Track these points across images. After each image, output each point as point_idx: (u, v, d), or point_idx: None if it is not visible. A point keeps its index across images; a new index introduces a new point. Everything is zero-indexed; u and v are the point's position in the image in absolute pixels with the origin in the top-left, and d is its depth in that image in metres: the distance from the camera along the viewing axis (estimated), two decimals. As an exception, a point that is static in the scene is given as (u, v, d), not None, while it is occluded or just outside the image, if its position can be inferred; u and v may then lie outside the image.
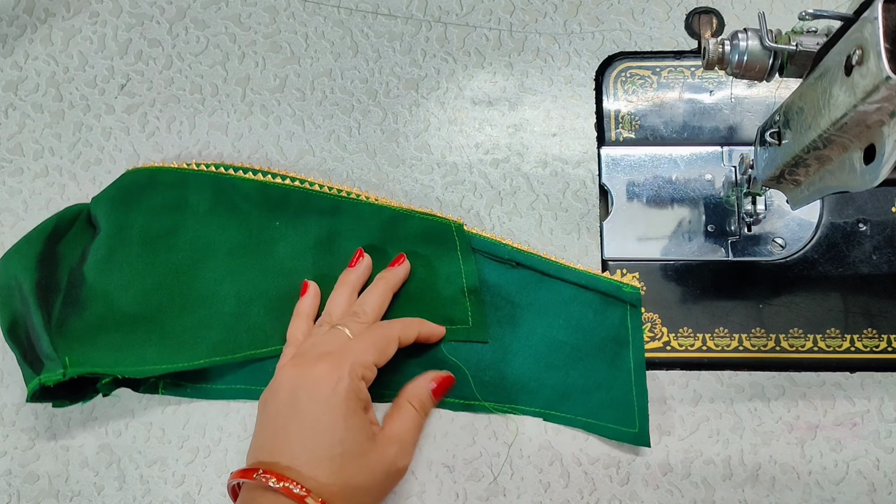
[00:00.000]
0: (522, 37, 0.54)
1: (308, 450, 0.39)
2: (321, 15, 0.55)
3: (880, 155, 0.31)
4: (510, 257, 0.49)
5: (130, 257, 0.48)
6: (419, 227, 0.50)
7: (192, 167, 0.51)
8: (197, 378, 0.48)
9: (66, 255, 0.48)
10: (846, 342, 0.47)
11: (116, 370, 0.44)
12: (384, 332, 0.44)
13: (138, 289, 0.48)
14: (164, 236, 0.49)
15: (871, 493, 0.45)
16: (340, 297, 0.47)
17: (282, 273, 0.49)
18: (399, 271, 0.48)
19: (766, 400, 0.47)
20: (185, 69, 0.54)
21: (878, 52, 0.28)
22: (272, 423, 0.41)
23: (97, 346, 0.45)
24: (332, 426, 0.40)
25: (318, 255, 0.49)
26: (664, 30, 0.53)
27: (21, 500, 0.47)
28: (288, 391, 0.41)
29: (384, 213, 0.50)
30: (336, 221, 0.50)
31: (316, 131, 0.53)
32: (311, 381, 0.41)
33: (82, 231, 0.50)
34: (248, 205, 0.50)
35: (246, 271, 0.49)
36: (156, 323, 0.47)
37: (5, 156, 0.53)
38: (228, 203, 0.50)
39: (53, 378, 0.42)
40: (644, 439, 0.45)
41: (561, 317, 0.48)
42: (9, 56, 0.55)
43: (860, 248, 0.49)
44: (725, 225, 0.50)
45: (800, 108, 0.37)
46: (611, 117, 0.52)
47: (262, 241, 0.49)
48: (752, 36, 0.37)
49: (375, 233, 0.50)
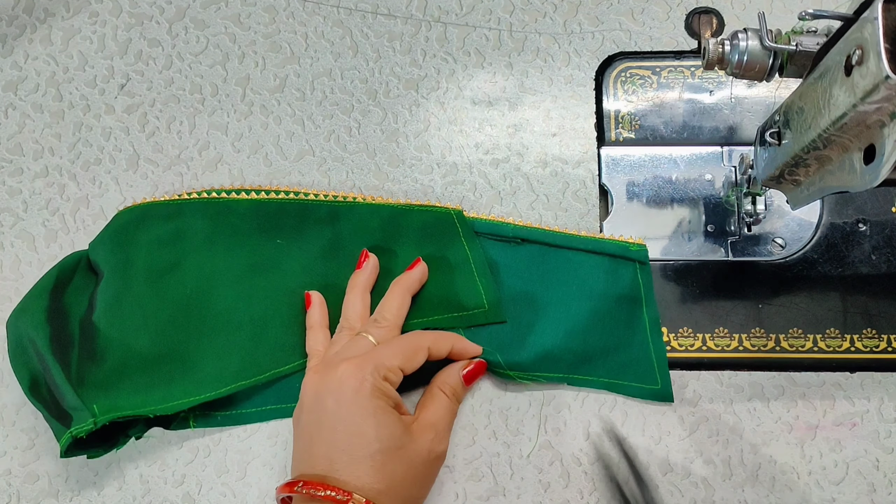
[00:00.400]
0: (522, 37, 0.54)
1: (345, 452, 0.39)
2: (321, 15, 0.55)
3: (880, 155, 0.31)
4: (514, 234, 0.49)
5: (138, 298, 0.47)
6: (420, 221, 0.50)
7: (184, 197, 0.50)
8: (226, 406, 0.47)
9: (74, 306, 0.48)
10: (846, 342, 0.47)
11: (146, 410, 0.44)
12: (413, 340, 0.44)
13: (152, 328, 0.47)
14: (169, 270, 0.48)
15: (870, 493, 0.45)
16: (355, 301, 0.47)
17: (292, 289, 0.48)
18: (415, 274, 0.48)
19: (765, 400, 0.47)
20: (185, 69, 0.54)
21: (878, 52, 0.28)
22: (305, 434, 0.41)
23: (122, 391, 0.45)
24: (364, 425, 0.40)
25: (325, 264, 0.49)
26: (664, 30, 0.53)
27: (21, 500, 0.47)
28: (313, 398, 0.41)
29: (383, 211, 0.50)
30: (336, 228, 0.50)
31: (316, 131, 0.53)
32: (334, 384, 0.41)
33: (85, 279, 0.49)
34: (246, 225, 0.49)
35: (256, 293, 0.48)
36: (176, 359, 0.46)
37: (5, 156, 0.53)
38: (227, 227, 0.49)
39: (85, 428, 0.42)
40: (667, 395, 0.46)
41: (573, 284, 0.48)
42: (9, 56, 0.55)
43: (860, 249, 0.49)
44: (725, 225, 0.50)
45: (800, 108, 0.37)
46: (611, 117, 0.52)
47: (267, 261, 0.49)
48: (752, 36, 0.37)
49: (377, 232, 0.50)
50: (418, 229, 0.49)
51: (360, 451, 0.39)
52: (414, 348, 0.43)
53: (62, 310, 0.47)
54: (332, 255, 0.49)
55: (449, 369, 0.46)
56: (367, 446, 0.39)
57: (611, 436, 0.46)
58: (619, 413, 0.47)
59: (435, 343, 0.45)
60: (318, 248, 0.49)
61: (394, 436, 0.40)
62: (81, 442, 0.43)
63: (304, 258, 0.49)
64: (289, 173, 0.52)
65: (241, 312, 0.48)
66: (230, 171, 0.52)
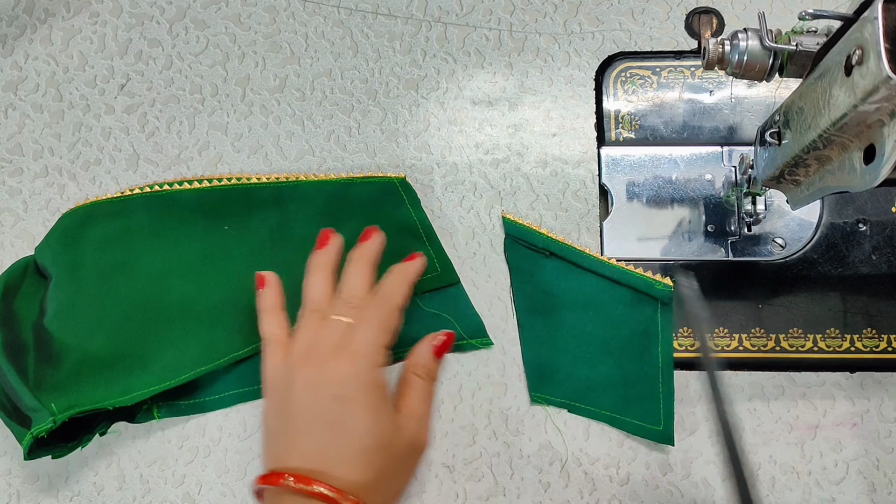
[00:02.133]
0: (522, 37, 0.54)
1: (338, 448, 0.39)
2: (321, 15, 0.55)
3: (880, 155, 0.31)
4: (545, 246, 0.49)
5: (90, 298, 0.47)
6: (365, 192, 0.50)
7: (127, 193, 0.50)
8: (189, 394, 0.47)
9: (24, 312, 0.47)
10: (846, 342, 0.47)
11: (105, 403, 0.44)
12: (386, 309, 0.43)
13: (107, 327, 0.47)
14: (119, 268, 0.48)
15: (871, 493, 0.45)
16: (319, 282, 0.45)
17: (244, 273, 0.48)
18: (374, 244, 0.46)
19: (765, 400, 0.47)
20: (185, 69, 0.54)
21: (878, 52, 0.28)
22: (291, 425, 0.40)
23: (81, 389, 0.44)
24: (360, 422, 0.40)
25: (273, 246, 0.49)
26: (664, 30, 0.53)
27: (21, 500, 0.47)
28: (307, 392, 0.40)
29: (327, 187, 0.50)
30: (282, 208, 0.50)
31: (316, 131, 0.53)
32: (330, 380, 0.40)
33: (34, 284, 0.49)
34: (192, 216, 0.49)
35: (209, 281, 0.48)
36: (133, 354, 0.46)
37: (5, 156, 0.53)
38: (173, 219, 0.49)
39: (44, 427, 0.41)
40: (668, 437, 0.46)
41: (592, 309, 0.48)
42: (9, 56, 0.55)
43: (860, 249, 0.49)
44: (725, 225, 0.50)
45: (800, 108, 0.37)
46: (611, 117, 0.52)
47: (216, 248, 0.49)
48: (752, 36, 0.37)
49: (323, 208, 0.50)
50: (364, 201, 0.50)
51: (352, 446, 0.39)
52: (389, 317, 0.43)
53: (13, 316, 0.47)
54: (280, 237, 0.49)
55: (418, 349, 0.45)
56: (360, 441, 0.39)
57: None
58: (619, 413, 0.47)
59: (399, 296, 0.44)
60: (266, 231, 0.49)
61: (385, 432, 0.40)
62: (43, 441, 0.43)
63: (253, 242, 0.49)
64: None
65: (196, 302, 0.48)
66: (230, 171, 0.52)
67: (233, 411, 0.48)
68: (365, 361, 0.41)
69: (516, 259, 0.49)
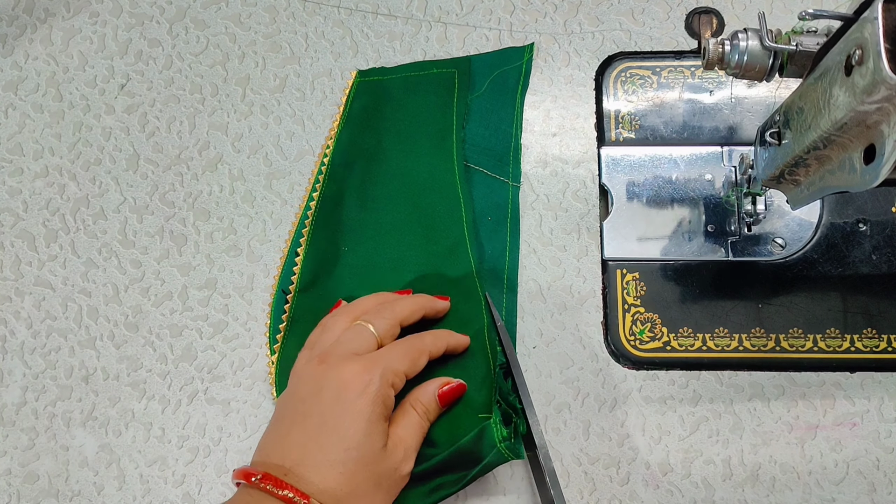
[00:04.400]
0: (522, 37, 0.54)
1: (323, 451, 0.38)
2: (321, 15, 0.55)
3: (880, 155, 0.31)
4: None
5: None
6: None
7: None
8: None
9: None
10: (846, 342, 0.47)
11: None
12: (416, 343, 0.43)
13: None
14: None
15: (871, 493, 0.45)
16: (370, 301, 0.45)
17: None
18: (440, 305, 0.47)
19: (765, 400, 0.47)
20: (185, 69, 0.54)
21: (878, 52, 0.28)
22: (287, 419, 0.40)
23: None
24: (354, 430, 0.39)
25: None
26: (664, 30, 0.53)
27: (21, 500, 0.47)
28: (312, 388, 0.40)
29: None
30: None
31: (316, 131, 0.53)
32: (339, 380, 0.40)
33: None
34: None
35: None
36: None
37: (5, 156, 0.53)
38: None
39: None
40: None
41: None
42: (9, 56, 0.55)
43: (860, 248, 0.49)
44: (725, 225, 0.50)
45: (800, 108, 0.37)
46: (611, 117, 0.52)
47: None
48: (752, 36, 0.37)
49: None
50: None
51: (337, 454, 0.38)
52: (418, 351, 0.43)
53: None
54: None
55: (425, 386, 0.44)
56: (346, 452, 0.38)
57: None
58: (620, 413, 0.47)
59: (434, 343, 0.44)
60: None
61: (374, 450, 0.39)
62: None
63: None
64: (289, 173, 0.52)
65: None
66: (230, 171, 0.52)
67: (233, 412, 0.48)
68: (379, 373, 0.40)
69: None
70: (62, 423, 0.48)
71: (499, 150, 0.51)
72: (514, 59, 0.53)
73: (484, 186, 0.51)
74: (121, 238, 0.51)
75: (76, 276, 0.51)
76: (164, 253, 0.51)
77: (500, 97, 0.52)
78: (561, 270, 0.50)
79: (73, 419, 0.48)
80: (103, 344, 0.49)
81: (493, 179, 0.51)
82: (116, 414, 0.48)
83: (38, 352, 0.49)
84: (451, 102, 0.51)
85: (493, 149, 0.51)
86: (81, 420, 0.48)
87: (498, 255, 0.49)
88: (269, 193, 0.52)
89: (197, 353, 0.49)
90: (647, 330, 0.48)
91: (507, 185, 0.51)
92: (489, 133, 0.52)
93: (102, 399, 0.48)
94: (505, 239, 0.50)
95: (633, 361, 0.48)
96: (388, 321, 0.43)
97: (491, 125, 0.52)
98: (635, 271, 0.49)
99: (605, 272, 0.49)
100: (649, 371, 0.48)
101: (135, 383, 0.49)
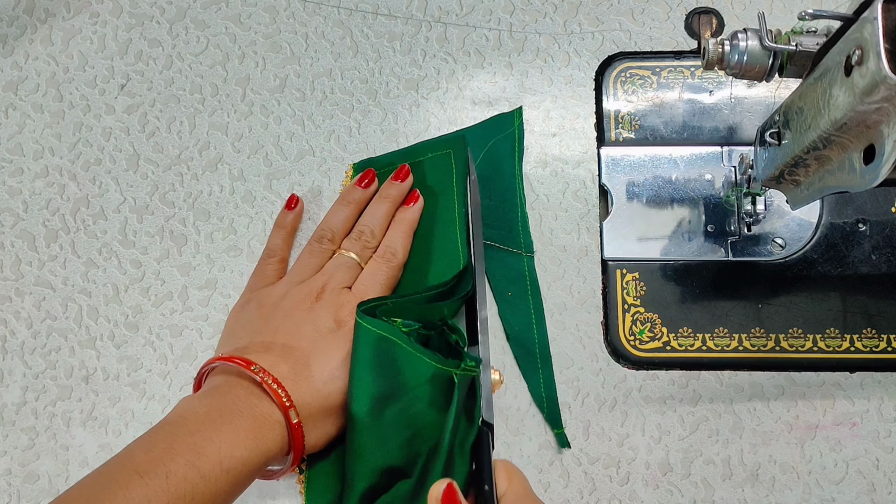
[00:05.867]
0: (522, 37, 0.54)
1: (308, 369, 0.41)
2: (321, 15, 0.55)
3: (880, 155, 0.31)
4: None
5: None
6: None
7: None
8: None
9: None
10: (846, 342, 0.47)
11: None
12: (390, 268, 0.47)
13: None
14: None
15: (870, 492, 0.45)
16: (340, 214, 0.48)
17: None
18: (415, 210, 0.49)
19: (765, 400, 0.47)
20: (185, 69, 0.54)
21: (878, 52, 0.28)
22: (271, 326, 0.43)
23: None
24: (338, 358, 0.42)
25: None
26: (664, 30, 0.53)
27: (21, 500, 0.47)
28: (308, 318, 0.43)
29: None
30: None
31: (316, 131, 0.53)
32: (334, 305, 0.44)
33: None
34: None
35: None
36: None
37: (5, 156, 0.53)
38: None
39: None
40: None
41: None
42: (9, 56, 0.55)
43: (859, 248, 0.49)
44: (725, 225, 0.50)
45: (800, 108, 0.37)
46: (611, 117, 0.52)
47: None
48: (751, 36, 0.37)
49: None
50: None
51: (323, 371, 0.41)
52: (392, 273, 0.47)
53: None
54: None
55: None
56: (322, 371, 0.41)
57: None
58: (619, 413, 0.47)
59: (403, 249, 0.47)
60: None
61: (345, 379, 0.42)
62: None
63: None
64: (289, 173, 0.52)
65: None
66: (230, 171, 0.52)
67: (233, 411, 0.48)
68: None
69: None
70: (62, 423, 0.48)
71: (507, 222, 0.50)
72: (505, 125, 0.52)
73: (497, 261, 0.50)
74: (121, 238, 0.51)
75: (76, 276, 0.51)
76: (165, 253, 0.51)
77: (498, 168, 0.51)
78: (561, 270, 0.50)
79: (73, 419, 0.48)
80: (103, 344, 0.49)
81: (506, 253, 0.50)
82: (116, 414, 0.48)
83: (38, 352, 0.49)
84: (451, 184, 0.49)
85: (501, 221, 0.50)
86: (81, 420, 0.48)
87: (525, 330, 0.48)
88: (269, 193, 0.52)
89: (197, 354, 0.49)
90: (646, 330, 0.48)
91: (522, 257, 0.50)
92: (494, 204, 0.51)
93: (102, 399, 0.48)
94: (529, 312, 0.49)
95: (633, 361, 0.48)
96: (369, 249, 0.47)
97: (495, 197, 0.51)
98: (635, 271, 0.49)
99: (604, 272, 0.49)
100: (649, 371, 0.48)
101: (135, 383, 0.49)
